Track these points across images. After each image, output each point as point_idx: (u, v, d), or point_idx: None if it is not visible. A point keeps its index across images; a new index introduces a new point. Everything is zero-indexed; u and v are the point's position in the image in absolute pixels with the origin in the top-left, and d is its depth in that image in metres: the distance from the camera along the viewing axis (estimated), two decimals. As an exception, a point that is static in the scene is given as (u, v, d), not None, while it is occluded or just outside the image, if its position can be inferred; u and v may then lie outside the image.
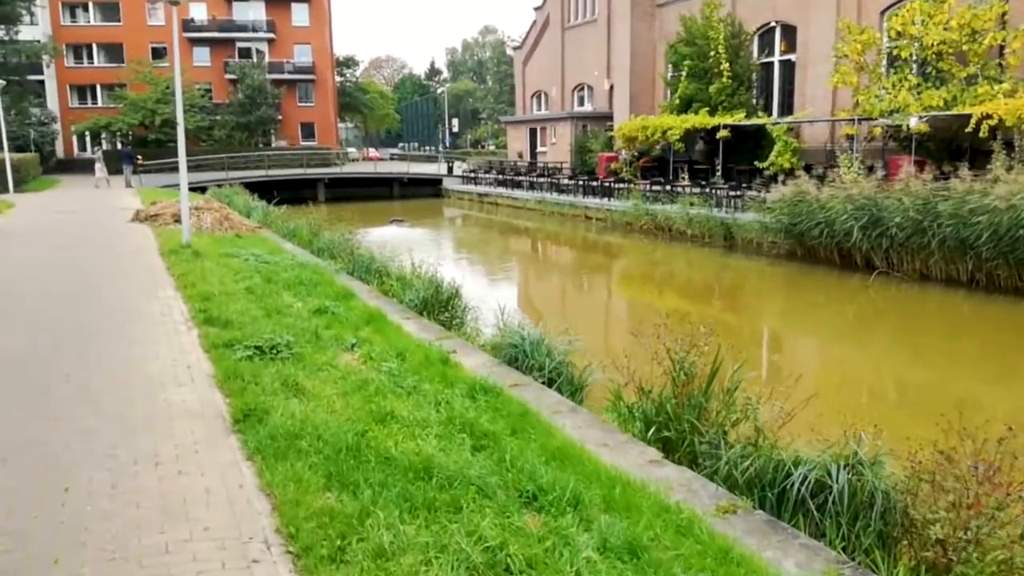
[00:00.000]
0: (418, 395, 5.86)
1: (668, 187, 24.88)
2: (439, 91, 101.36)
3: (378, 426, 5.00)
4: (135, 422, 5.13)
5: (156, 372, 6.32)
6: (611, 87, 39.77)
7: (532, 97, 49.08)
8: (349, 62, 73.56)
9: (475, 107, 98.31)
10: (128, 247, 14.31)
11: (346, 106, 71.92)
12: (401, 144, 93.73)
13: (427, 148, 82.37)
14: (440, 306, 9.62)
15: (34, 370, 6.43)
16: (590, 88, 42.24)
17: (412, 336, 8.16)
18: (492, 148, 72.78)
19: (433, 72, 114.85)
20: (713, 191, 23.00)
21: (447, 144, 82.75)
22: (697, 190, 23.69)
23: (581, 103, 43.30)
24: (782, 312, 15.45)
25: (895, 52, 21.74)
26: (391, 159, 62.73)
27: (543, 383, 7.04)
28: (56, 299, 9.55)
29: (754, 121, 25.65)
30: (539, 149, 42.47)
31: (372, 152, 75.87)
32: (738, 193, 21.88)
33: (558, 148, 39.89)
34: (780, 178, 20.66)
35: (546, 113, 44.37)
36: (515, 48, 51.27)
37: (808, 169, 24.09)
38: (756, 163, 24.77)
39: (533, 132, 43.28)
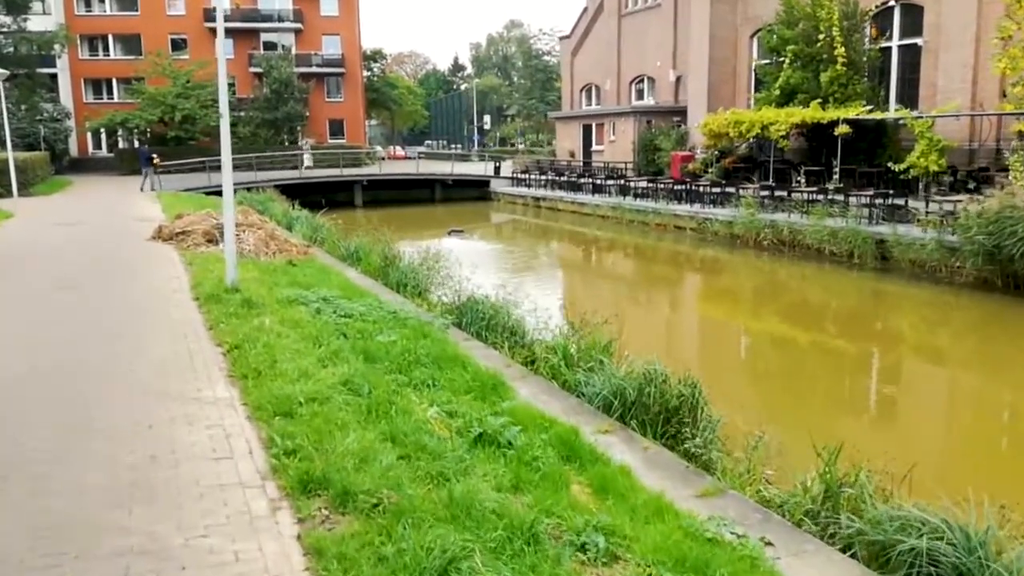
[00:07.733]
0: None
1: (785, 193, 20.91)
2: (463, 87, 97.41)
3: None
4: None
5: None
6: (678, 78, 35.82)
7: (581, 91, 45.09)
8: (377, 55, 69.78)
9: (501, 103, 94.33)
10: (149, 287, 10.40)
11: (373, 102, 68.10)
12: (428, 142, 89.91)
13: (455, 146, 78.42)
14: (664, 413, 5.80)
15: None
16: (651, 80, 38.27)
17: (669, 504, 4.42)
18: (521, 146, 68.70)
19: (457, 68, 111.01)
20: (847, 198, 19.12)
21: (475, 142, 78.87)
22: (820, 197, 19.78)
23: (640, 96, 39.33)
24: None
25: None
26: (418, 158, 58.70)
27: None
28: (26, 425, 5.27)
29: (887, 115, 21.63)
30: (594, 147, 38.50)
31: (399, 151, 72.04)
32: (892, 202, 17.96)
33: (618, 146, 35.93)
34: (971, 185, 16.73)
35: (603, 108, 40.33)
36: (562, 38, 47.33)
37: (953, 172, 20.33)
38: (891, 164, 20.81)
39: (587, 129, 39.29)
